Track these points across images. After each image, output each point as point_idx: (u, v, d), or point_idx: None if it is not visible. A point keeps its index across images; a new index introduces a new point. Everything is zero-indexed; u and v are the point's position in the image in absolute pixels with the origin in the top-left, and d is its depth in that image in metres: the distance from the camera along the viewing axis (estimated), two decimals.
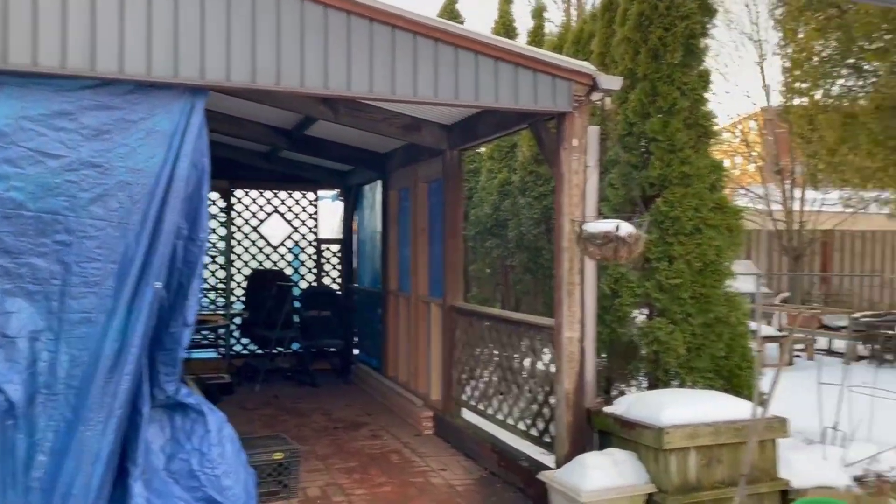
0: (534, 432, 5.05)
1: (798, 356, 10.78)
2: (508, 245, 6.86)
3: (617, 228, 3.94)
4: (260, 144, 8.05)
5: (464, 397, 6.14)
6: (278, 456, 4.70)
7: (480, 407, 5.85)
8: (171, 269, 3.80)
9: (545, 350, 4.94)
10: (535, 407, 5.05)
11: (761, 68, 15.42)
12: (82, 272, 3.56)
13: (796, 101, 11.83)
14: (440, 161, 6.38)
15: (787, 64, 11.68)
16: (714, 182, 5.19)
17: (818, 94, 10.81)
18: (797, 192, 14.09)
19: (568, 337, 4.52)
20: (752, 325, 9.31)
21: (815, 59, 10.60)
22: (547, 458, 4.84)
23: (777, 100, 13.52)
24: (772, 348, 10.60)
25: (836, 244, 15.98)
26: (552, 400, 4.74)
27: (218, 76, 3.73)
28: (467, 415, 6.13)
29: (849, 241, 16.04)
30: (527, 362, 5.20)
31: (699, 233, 5.01)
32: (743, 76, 21.38)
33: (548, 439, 4.86)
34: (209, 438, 3.75)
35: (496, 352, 5.58)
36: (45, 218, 3.54)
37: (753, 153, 16.45)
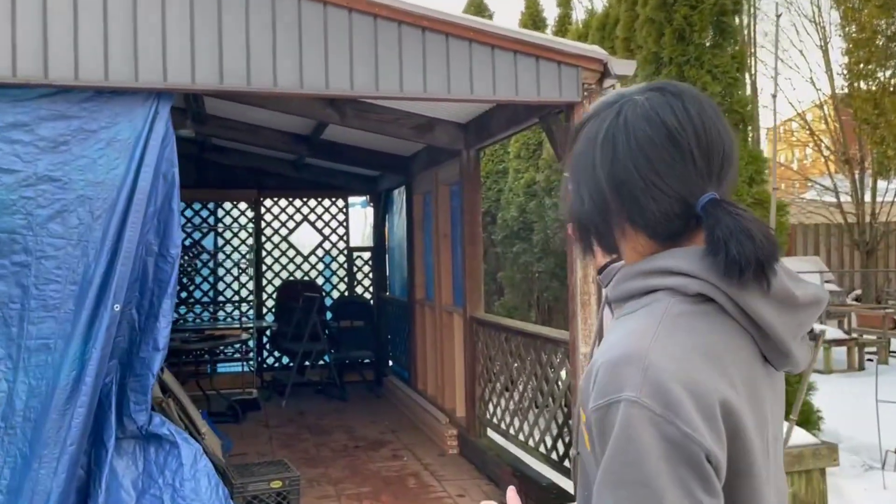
0: (554, 456, 4.60)
1: (870, 360, 9.93)
2: (535, 250, 6.40)
3: None
4: (284, 152, 7.83)
5: (487, 415, 5.72)
6: (276, 485, 4.38)
7: (502, 426, 5.42)
8: (141, 289, 3.54)
9: (564, 366, 4.49)
10: (554, 428, 4.60)
11: (825, 52, 14.48)
12: (41, 295, 3.32)
13: (861, 85, 10.96)
14: (458, 162, 5.98)
15: (849, 45, 10.83)
16: (752, 175, 4.64)
17: (884, 76, 9.97)
18: (868, 182, 13.10)
19: (583, 353, 4.05)
20: (817, 327, 8.59)
21: (880, 38, 9.78)
22: (569, 484, 4.39)
23: (840, 84, 12.60)
24: (839, 352, 9.79)
25: None
26: (571, 422, 4.28)
27: (182, 79, 3.45)
28: (492, 433, 5.71)
29: None
30: (546, 379, 4.75)
31: None
32: (804, 61, 20.13)
33: (567, 464, 4.40)
34: (182, 472, 3.46)
35: (516, 366, 5.15)
36: (2, 238, 3.32)
37: (819, 143, 15.42)
